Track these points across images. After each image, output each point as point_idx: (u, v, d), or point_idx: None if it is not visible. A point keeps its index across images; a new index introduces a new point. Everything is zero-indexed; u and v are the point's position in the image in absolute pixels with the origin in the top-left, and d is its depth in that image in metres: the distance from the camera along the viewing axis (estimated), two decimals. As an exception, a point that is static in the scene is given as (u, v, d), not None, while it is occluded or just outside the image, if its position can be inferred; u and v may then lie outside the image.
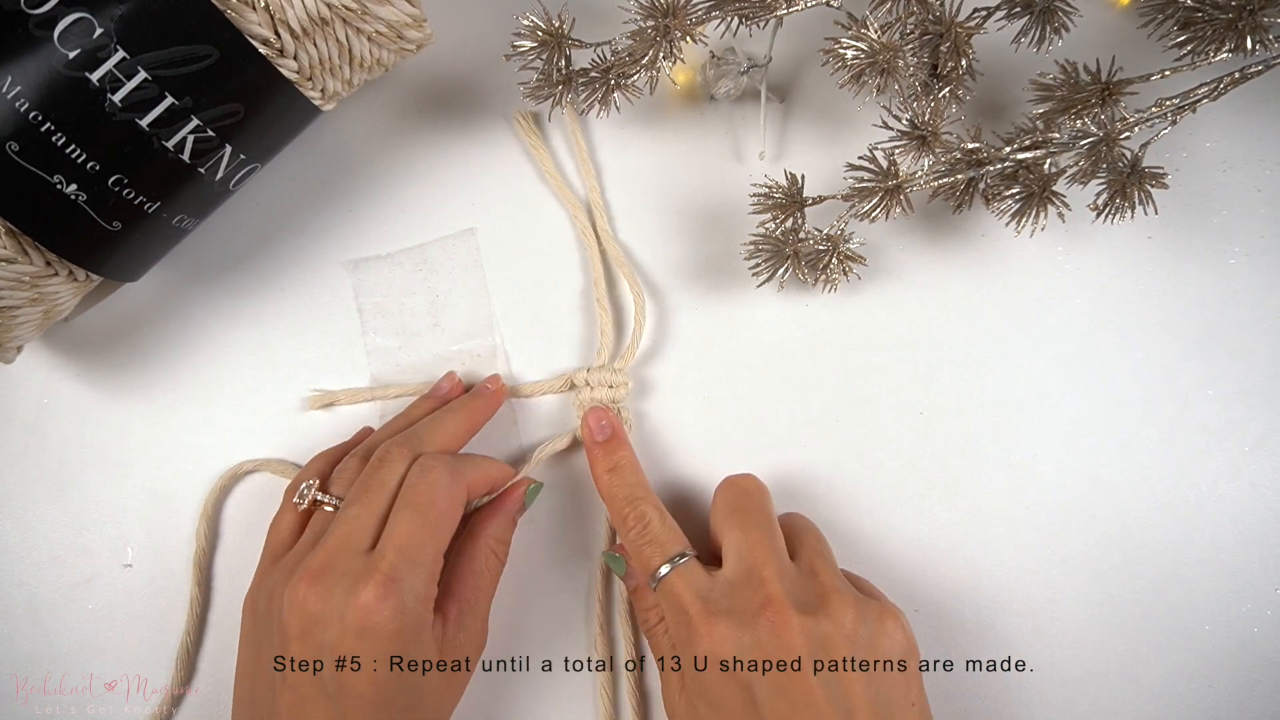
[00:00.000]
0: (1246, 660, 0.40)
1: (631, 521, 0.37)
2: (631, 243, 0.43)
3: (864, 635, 0.33)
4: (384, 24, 0.35)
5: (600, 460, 0.39)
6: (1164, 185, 0.37)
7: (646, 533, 0.36)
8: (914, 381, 0.42)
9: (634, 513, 0.37)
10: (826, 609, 0.33)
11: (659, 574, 0.35)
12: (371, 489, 0.35)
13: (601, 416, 0.40)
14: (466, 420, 0.39)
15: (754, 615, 0.32)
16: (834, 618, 0.32)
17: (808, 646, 0.32)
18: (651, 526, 0.37)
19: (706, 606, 0.33)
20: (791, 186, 0.38)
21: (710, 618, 0.33)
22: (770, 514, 0.37)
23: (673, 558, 0.35)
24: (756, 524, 0.35)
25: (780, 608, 0.32)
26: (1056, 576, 0.40)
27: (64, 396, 0.42)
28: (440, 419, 0.39)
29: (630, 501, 0.37)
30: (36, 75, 0.30)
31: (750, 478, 0.38)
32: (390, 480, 0.35)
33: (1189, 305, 0.42)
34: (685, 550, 0.36)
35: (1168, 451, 0.41)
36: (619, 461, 0.39)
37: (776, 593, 0.33)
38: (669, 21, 0.36)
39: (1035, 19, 0.36)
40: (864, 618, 0.33)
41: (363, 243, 0.43)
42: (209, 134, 0.33)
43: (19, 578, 0.42)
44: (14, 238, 0.32)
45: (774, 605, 0.32)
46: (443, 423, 0.38)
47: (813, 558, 0.36)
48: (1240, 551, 0.40)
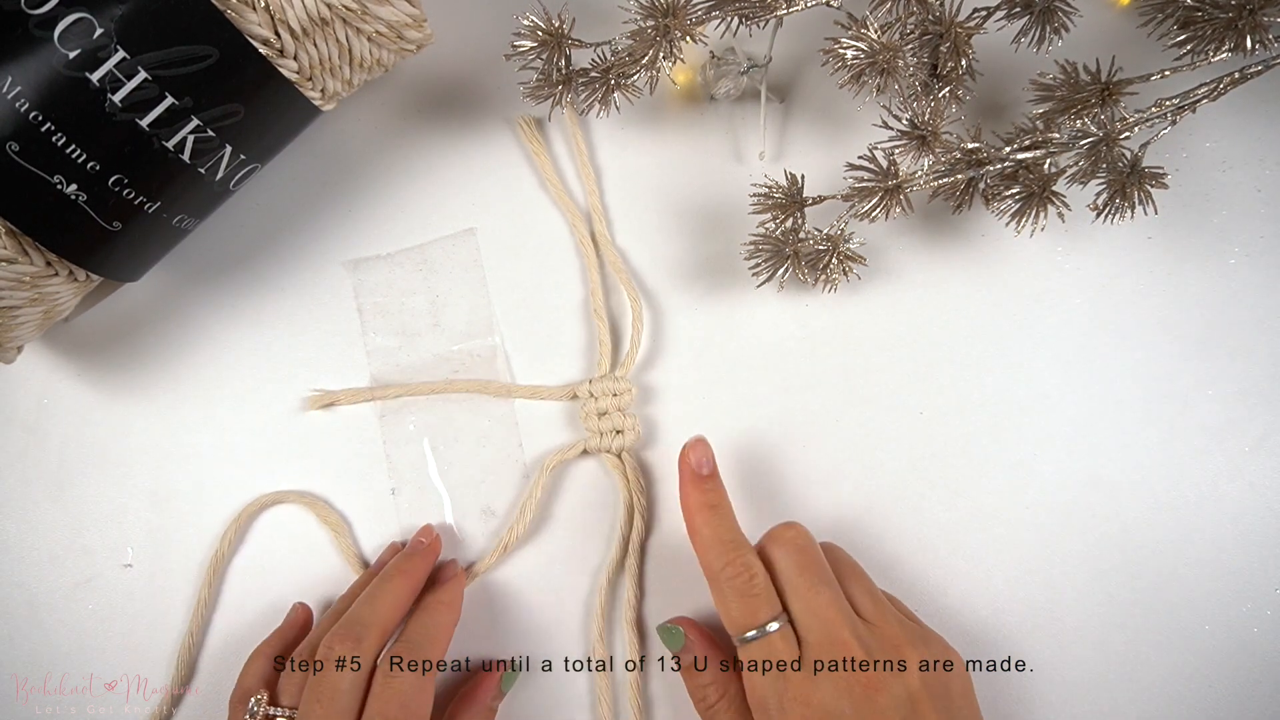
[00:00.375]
0: (1246, 660, 0.40)
1: (735, 569, 0.35)
2: (631, 243, 0.43)
3: (938, 683, 0.34)
4: (384, 24, 0.35)
5: (698, 493, 0.37)
6: (1164, 185, 0.37)
7: (751, 585, 0.34)
8: (914, 381, 0.42)
9: (738, 558, 0.35)
10: (905, 661, 0.33)
11: (752, 634, 0.34)
12: (323, 698, 0.33)
13: (704, 451, 0.37)
14: (405, 584, 0.37)
15: (846, 681, 0.32)
16: (914, 672, 0.33)
17: (898, 706, 0.32)
18: (757, 580, 0.34)
19: (800, 672, 0.33)
20: (791, 186, 0.38)
21: (806, 682, 0.33)
22: (826, 567, 0.36)
23: (771, 619, 0.34)
24: (823, 583, 0.35)
25: (872, 672, 0.33)
26: (1056, 576, 0.40)
27: (64, 396, 0.43)
28: (376, 592, 0.36)
29: (734, 546, 0.35)
30: (37, 75, 0.30)
31: (800, 530, 0.36)
32: (341, 683, 0.33)
33: (1189, 305, 0.42)
34: (781, 613, 0.34)
35: (1168, 451, 0.41)
36: (719, 500, 0.37)
37: (863, 656, 0.33)
38: (669, 21, 0.36)
39: (1035, 19, 0.36)
40: (936, 664, 0.34)
41: (363, 243, 0.43)
42: (209, 134, 0.33)
43: (19, 578, 0.42)
44: (14, 238, 0.32)
45: (865, 669, 0.33)
46: (380, 596, 0.36)
47: (868, 603, 0.35)
48: (1240, 551, 0.40)
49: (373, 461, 0.42)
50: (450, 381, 0.42)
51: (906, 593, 0.40)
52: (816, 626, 0.34)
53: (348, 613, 0.36)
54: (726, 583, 0.35)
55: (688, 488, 0.37)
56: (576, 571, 0.41)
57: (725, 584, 0.35)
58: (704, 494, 0.37)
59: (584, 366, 0.42)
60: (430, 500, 0.42)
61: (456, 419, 0.42)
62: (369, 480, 0.42)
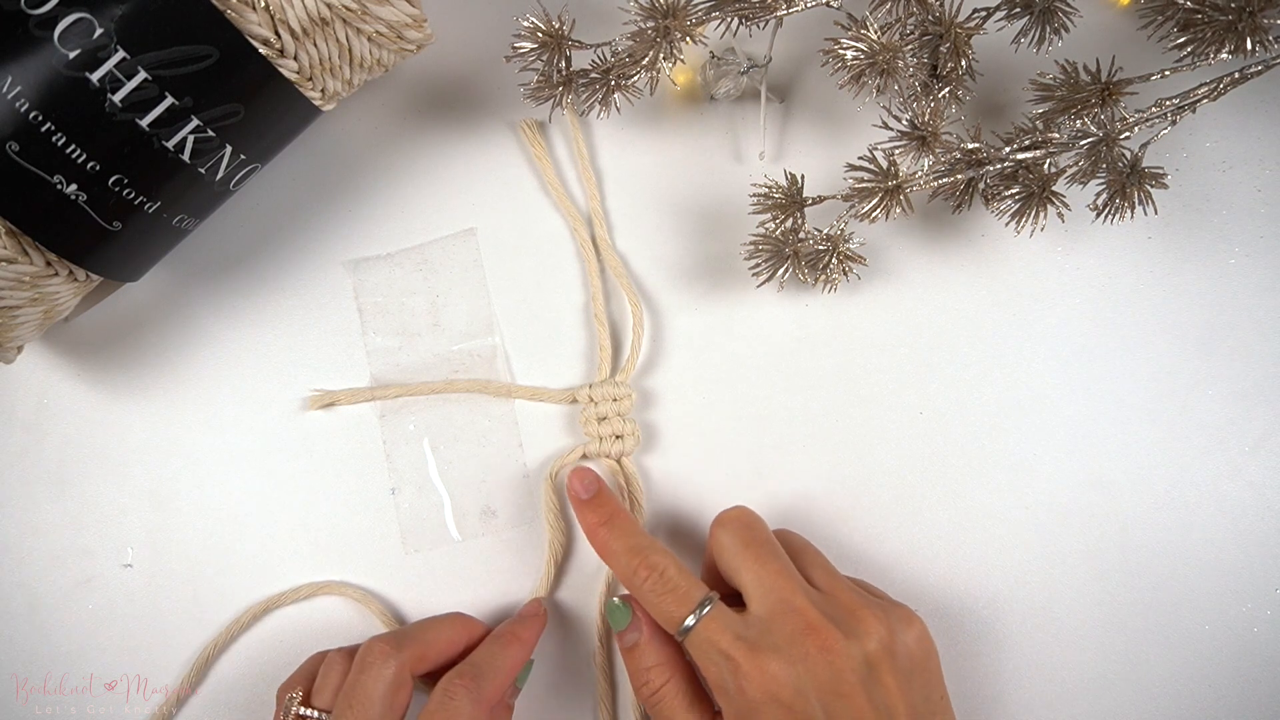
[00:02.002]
0: (1246, 660, 0.40)
1: (643, 573, 0.35)
2: (631, 243, 0.43)
3: (899, 646, 0.33)
4: (384, 24, 0.35)
5: (590, 514, 0.37)
6: (1164, 185, 0.37)
7: (664, 582, 0.34)
8: (914, 382, 0.42)
9: (643, 563, 0.35)
10: (861, 626, 0.33)
11: (685, 625, 0.34)
12: (355, 704, 0.33)
13: (585, 475, 0.38)
14: (519, 649, 0.38)
15: (801, 646, 0.32)
16: (871, 634, 0.33)
17: (856, 668, 0.32)
18: (668, 574, 0.34)
19: (750, 646, 0.32)
20: (791, 187, 0.38)
21: (757, 656, 0.32)
22: (775, 543, 0.36)
23: (699, 605, 0.34)
24: (771, 555, 0.35)
25: (826, 633, 0.32)
26: (1056, 576, 0.40)
27: (64, 396, 0.43)
28: (494, 648, 0.37)
29: (636, 551, 0.35)
30: (37, 75, 0.30)
31: (745, 510, 0.37)
32: (375, 690, 0.33)
33: (1189, 305, 0.42)
34: (709, 595, 0.34)
35: (1167, 451, 0.41)
36: (612, 513, 0.37)
37: (816, 619, 0.32)
38: (669, 22, 0.36)
39: (1035, 19, 0.36)
40: (894, 628, 0.33)
41: (363, 243, 0.43)
42: (209, 134, 0.33)
43: (19, 578, 0.42)
44: (14, 238, 0.32)
45: (818, 632, 0.32)
46: (497, 653, 0.37)
47: (823, 576, 0.35)
48: (1240, 551, 0.40)
49: (373, 461, 0.42)
50: (450, 382, 0.42)
51: (906, 593, 0.40)
52: (767, 595, 0.33)
53: (470, 658, 0.36)
54: (641, 587, 0.35)
55: (581, 513, 0.38)
56: (575, 572, 0.41)
57: (641, 589, 0.35)
58: (596, 513, 0.37)
59: (584, 369, 0.42)
60: (430, 500, 0.42)
61: (457, 419, 0.42)
62: (369, 480, 0.42)
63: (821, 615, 0.33)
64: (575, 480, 0.38)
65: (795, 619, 0.32)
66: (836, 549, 0.41)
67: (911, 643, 0.33)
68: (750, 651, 0.32)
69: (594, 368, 0.42)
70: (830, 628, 0.32)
